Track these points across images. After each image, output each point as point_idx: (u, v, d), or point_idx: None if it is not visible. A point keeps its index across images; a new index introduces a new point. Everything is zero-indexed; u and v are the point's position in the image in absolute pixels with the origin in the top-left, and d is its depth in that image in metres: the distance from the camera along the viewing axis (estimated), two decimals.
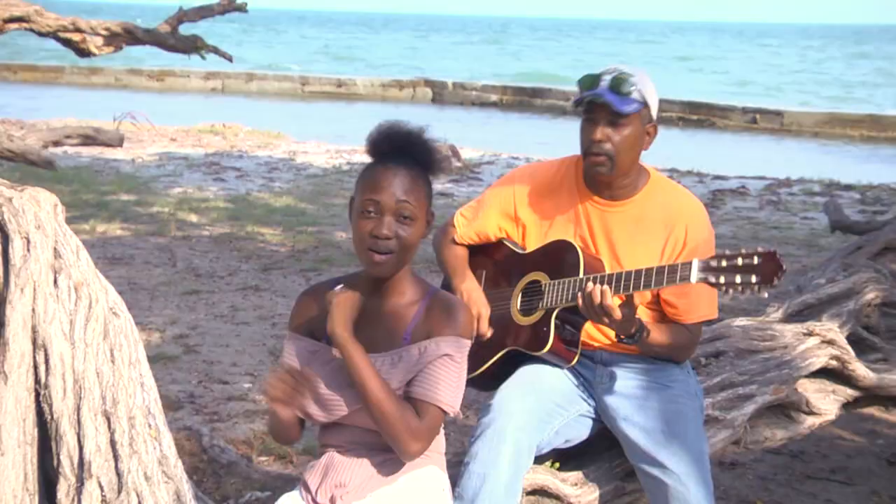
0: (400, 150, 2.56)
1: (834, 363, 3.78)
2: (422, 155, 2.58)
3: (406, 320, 2.62)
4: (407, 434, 2.54)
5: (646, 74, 3.06)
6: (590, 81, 3.04)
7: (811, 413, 3.73)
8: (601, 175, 3.06)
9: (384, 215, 2.52)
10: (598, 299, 2.86)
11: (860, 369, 3.82)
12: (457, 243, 3.35)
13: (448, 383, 2.56)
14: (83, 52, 8.48)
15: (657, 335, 3.05)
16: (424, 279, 2.70)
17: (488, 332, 3.16)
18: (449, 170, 3.02)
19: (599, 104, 2.99)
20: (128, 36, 8.45)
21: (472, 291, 3.23)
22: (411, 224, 2.54)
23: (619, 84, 2.99)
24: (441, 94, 29.98)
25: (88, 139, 10.09)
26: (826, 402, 3.77)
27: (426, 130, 2.60)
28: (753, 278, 2.66)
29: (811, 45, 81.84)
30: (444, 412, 2.57)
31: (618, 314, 2.86)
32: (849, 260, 6.19)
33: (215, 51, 8.79)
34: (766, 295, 2.67)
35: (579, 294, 2.92)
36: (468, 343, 2.61)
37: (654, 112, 3.08)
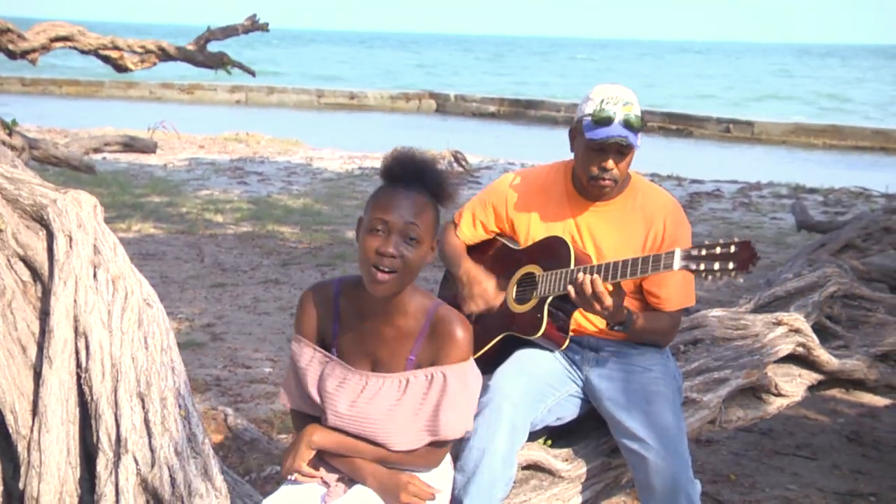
0: (413, 176, 2.47)
1: (800, 350, 3.78)
2: (433, 184, 2.49)
3: (410, 340, 2.54)
4: (422, 465, 2.60)
5: (632, 93, 3.04)
6: (605, 120, 2.95)
7: (779, 395, 3.72)
8: (605, 195, 3.07)
9: (391, 234, 2.41)
10: (589, 288, 2.85)
11: (824, 355, 3.81)
12: (456, 238, 3.35)
13: (459, 413, 2.54)
14: (121, 68, 8.50)
15: (643, 322, 3.04)
16: (427, 291, 2.64)
17: (497, 302, 3.16)
18: (456, 197, 3.02)
19: (615, 141, 2.96)
20: (161, 53, 8.47)
21: (470, 270, 3.22)
22: (417, 246, 2.43)
23: (632, 121, 2.95)
24: (444, 106, 29.96)
25: (125, 146, 10.11)
26: (793, 385, 3.76)
27: (438, 161, 2.54)
28: (730, 265, 2.66)
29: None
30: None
31: (608, 301, 2.85)
32: (813, 256, 6.20)
33: (240, 66, 8.80)
34: (741, 280, 2.67)
35: (570, 284, 2.91)
36: (471, 362, 2.58)
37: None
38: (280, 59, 56.38)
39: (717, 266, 2.67)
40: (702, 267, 2.70)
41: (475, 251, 3.34)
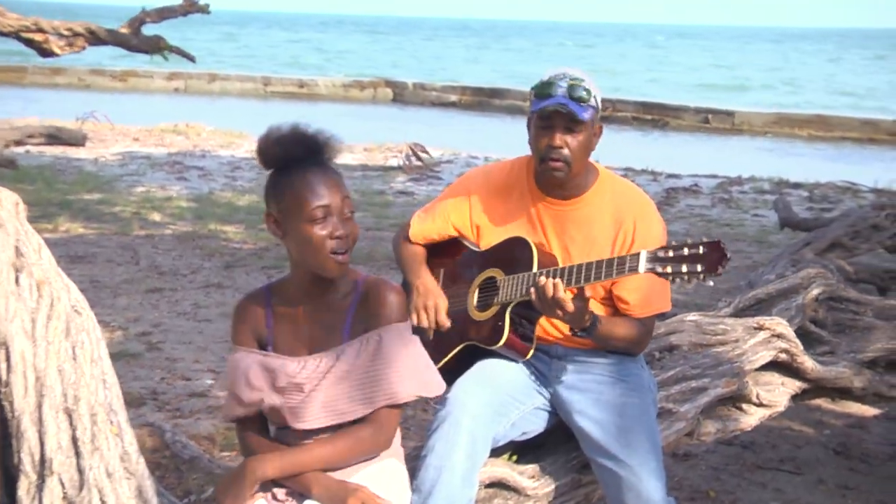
0: (312, 151, 2.60)
1: (783, 356, 3.81)
2: (325, 150, 2.63)
3: (343, 314, 2.66)
4: (370, 447, 2.63)
5: (588, 76, 3.07)
6: (546, 88, 3.01)
7: (761, 405, 3.75)
8: (557, 179, 3.06)
9: (333, 216, 2.56)
10: (550, 292, 2.86)
11: (808, 362, 3.85)
12: (413, 242, 3.35)
13: (399, 374, 2.60)
14: (46, 53, 8.40)
15: (611, 328, 3.05)
16: (351, 267, 2.72)
17: (447, 323, 3.16)
18: (337, 147, 3.09)
19: (560, 111, 2.99)
20: (90, 36, 8.38)
21: (426, 284, 3.22)
22: (352, 218, 2.61)
23: (576, 91, 2.99)
24: (402, 95, 29.96)
25: (51, 139, 10.01)
26: (775, 394, 3.80)
27: (311, 126, 2.64)
28: (699, 267, 2.66)
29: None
30: (403, 404, 2.63)
31: (570, 307, 2.86)
32: (797, 256, 6.28)
33: (178, 51, 8.74)
34: (711, 283, 2.68)
35: (532, 288, 2.92)
36: (407, 324, 2.67)
37: (599, 114, 3.10)
38: (223, 43, 56.08)
39: (684, 268, 2.68)
40: (669, 269, 2.70)
41: (435, 254, 3.34)
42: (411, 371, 2.62)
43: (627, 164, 14.74)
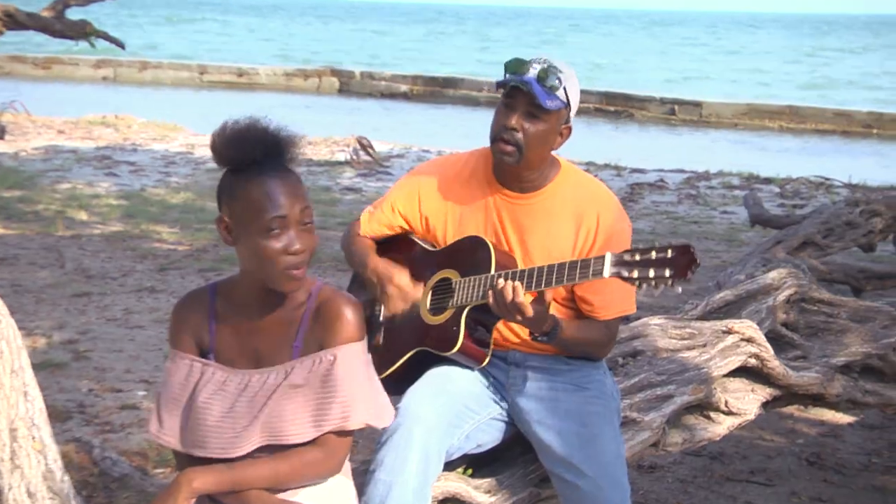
0: (272, 152, 2.51)
1: (753, 361, 3.85)
2: (286, 152, 2.54)
3: (294, 326, 2.59)
4: (317, 472, 2.58)
5: (574, 74, 3.08)
6: (518, 66, 3.03)
7: (730, 413, 3.79)
8: (506, 164, 3.07)
9: (290, 229, 2.47)
10: (509, 297, 2.87)
11: (779, 367, 3.89)
12: (361, 238, 3.34)
13: (352, 399, 2.55)
14: None
15: (573, 332, 3.07)
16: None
17: (418, 293, 3.15)
18: (300, 157, 3.02)
19: (523, 92, 3.00)
20: (8, 20, 8.30)
21: (377, 267, 3.21)
22: (313, 228, 2.53)
23: (547, 76, 3.00)
24: (348, 84, 29.89)
25: None
26: (745, 401, 3.83)
27: (272, 122, 2.55)
28: (667, 272, 2.67)
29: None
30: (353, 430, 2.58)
31: (529, 311, 2.87)
32: (768, 255, 6.36)
33: (106, 37, 8.68)
34: (679, 290, 2.70)
35: (490, 291, 2.93)
36: (363, 344, 2.61)
37: (572, 114, 3.11)
38: (155, 29, 55.65)
39: (652, 273, 2.69)
40: (635, 274, 2.71)
41: (386, 252, 3.33)
42: (364, 396, 2.58)
43: (589, 159, 14.81)
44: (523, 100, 3.01)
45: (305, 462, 2.56)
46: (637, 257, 2.72)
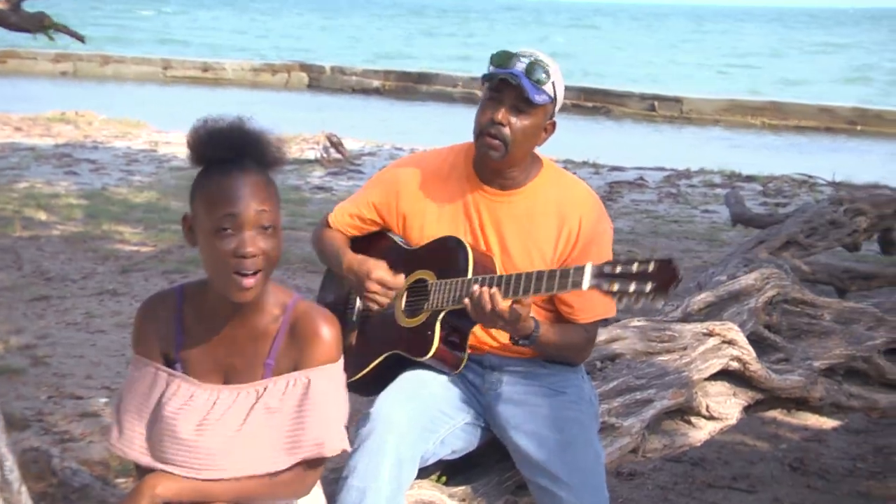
0: (239, 150, 2.45)
1: (735, 364, 3.87)
2: (263, 153, 2.48)
3: (267, 341, 2.54)
4: (286, 495, 2.55)
5: (559, 69, 3.10)
6: (505, 59, 3.04)
7: (711, 418, 3.81)
8: (491, 160, 3.08)
9: (244, 230, 2.39)
10: (487, 305, 2.88)
11: (761, 371, 3.91)
12: (333, 232, 3.34)
13: (327, 425, 2.52)
14: None
15: (552, 335, 3.07)
16: (283, 285, 2.62)
17: (399, 281, 3.15)
18: (285, 161, 2.97)
19: (511, 85, 3.01)
20: None
21: (353, 263, 3.20)
22: (274, 234, 2.44)
23: (535, 70, 3.01)
24: (318, 80, 29.81)
25: None
26: (727, 405, 3.85)
27: (254, 122, 2.51)
28: (648, 287, 2.67)
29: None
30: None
31: (507, 317, 2.88)
32: (750, 255, 6.38)
33: (65, 30, 8.62)
34: (660, 305, 2.71)
35: (466, 297, 2.93)
36: (339, 364, 2.58)
37: (556, 109, 3.12)
38: (117, 21, 55.37)
39: (632, 287, 2.70)
40: (615, 287, 2.72)
41: (360, 250, 3.31)
42: (337, 423, 2.55)
43: (567, 156, 14.81)
44: (511, 94, 3.02)
45: (275, 483, 2.53)
46: (618, 269, 2.73)
